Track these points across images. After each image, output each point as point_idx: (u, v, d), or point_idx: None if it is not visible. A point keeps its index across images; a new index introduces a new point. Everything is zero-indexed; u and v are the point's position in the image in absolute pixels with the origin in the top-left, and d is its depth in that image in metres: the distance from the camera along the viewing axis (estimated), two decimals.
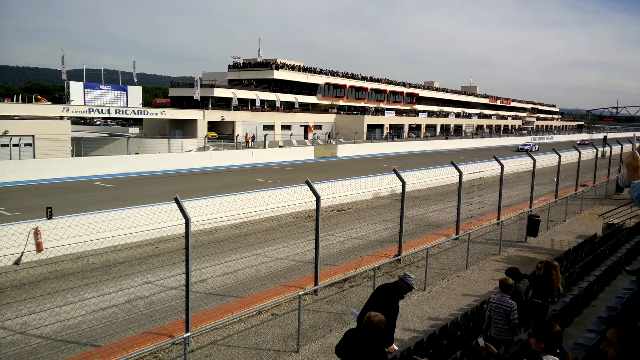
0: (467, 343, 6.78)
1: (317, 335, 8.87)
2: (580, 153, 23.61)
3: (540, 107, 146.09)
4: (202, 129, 51.02)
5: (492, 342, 6.65)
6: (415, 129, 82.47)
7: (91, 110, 44.87)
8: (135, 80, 54.72)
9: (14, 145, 30.66)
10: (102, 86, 48.10)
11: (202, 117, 52.57)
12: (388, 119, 76.95)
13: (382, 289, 6.77)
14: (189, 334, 7.56)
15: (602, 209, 21.18)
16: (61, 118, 41.38)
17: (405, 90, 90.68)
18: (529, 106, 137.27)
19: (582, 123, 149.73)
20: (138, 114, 49.32)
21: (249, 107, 62.45)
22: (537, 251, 14.79)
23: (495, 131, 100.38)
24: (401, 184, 12.99)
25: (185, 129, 51.80)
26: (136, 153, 33.93)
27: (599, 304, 8.23)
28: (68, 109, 42.81)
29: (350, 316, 9.71)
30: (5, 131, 32.79)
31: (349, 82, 79.11)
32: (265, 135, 47.17)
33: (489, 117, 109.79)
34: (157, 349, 7.95)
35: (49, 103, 50.19)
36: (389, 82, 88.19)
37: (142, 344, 7.90)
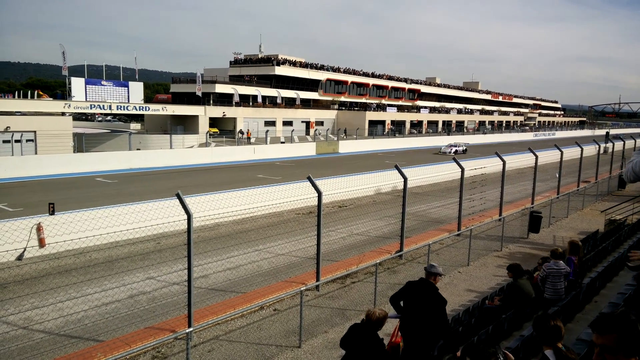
0: (469, 339, 6.79)
1: (319, 330, 8.90)
2: (582, 149, 23.56)
3: (542, 103, 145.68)
4: (203, 125, 51.02)
5: (546, 302, 7.64)
6: (416, 125, 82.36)
7: (93, 106, 44.91)
8: (137, 76, 54.75)
9: (16, 141, 30.70)
10: (103, 82, 48.16)
11: (204, 113, 52.56)
12: (390, 115, 76.85)
13: (412, 288, 6.28)
14: (191, 329, 7.59)
15: (604, 205, 21.13)
16: (63, 114, 41.42)
17: (407, 86, 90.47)
18: (530, 102, 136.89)
19: (584, 119, 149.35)
20: (139, 109, 49.36)
21: (251, 103, 62.39)
22: (539, 247, 14.77)
23: (497, 127, 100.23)
24: (403, 180, 12.98)
25: (186, 125, 51.81)
26: (138, 149, 33.97)
27: (601, 300, 8.23)
28: (70, 105, 42.84)
29: (352, 311, 9.74)
30: (7, 127, 32.84)
31: (350, 78, 78.95)
32: (267, 131, 47.18)
33: (490, 113, 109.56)
34: (159, 344, 7.98)
35: (51, 99, 50.26)
36: (390, 78, 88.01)
37: (144, 339, 7.93)
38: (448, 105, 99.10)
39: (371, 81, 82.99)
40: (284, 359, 7.87)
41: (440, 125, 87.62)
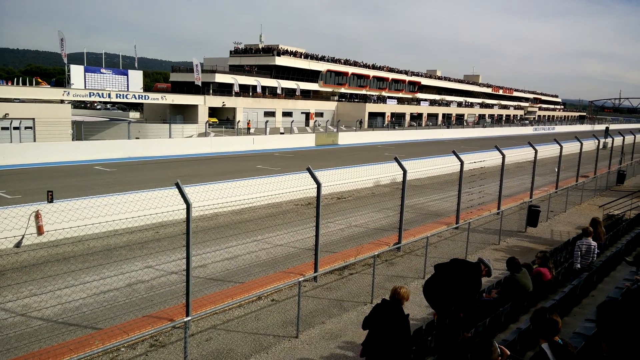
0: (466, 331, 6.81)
1: (316, 321, 8.93)
2: (582, 144, 23.56)
3: (543, 98, 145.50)
4: (202, 115, 50.89)
5: (576, 272, 9.00)
6: (416, 118, 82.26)
7: (92, 94, 44.74)
8: (136, 64, 54.46)
9: (15, 128, 30.60)
10: (102, 70, 47.90)
11: (203, 102, 52.39)
12: (390, 107, 76.73)
13: (460, 265, 6.71)
14: (189, 318, 7.60)
15: (602, 200, 21.18)
16: (62, 101, 41.26)
17: (407, 78, 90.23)
18: (531, 96, 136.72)
19: (584, 114, 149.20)
20: (139, 98, 49.16)
21: (250, 94, 62.20)
22: (536, 241, 14.81)
23: (497, 121, 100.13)
24: (402, 172, 12.97)
25: (186, 114, 51.66)
26: (137, 138, 33.88)
27: (598, 295, 8.26)
28: (69, 93, 42.66)
29: (350, 303, 9.77)
30: (6, 114, 32.72)
31: (351, 70, 78.71)
32: (266, 122, 47.02)
33: (491, 106, 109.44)
34: (157, 333, 8.00)
35: (49, 86, 50.08)
36: (391, 70, 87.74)
37: (142, 327, 7.94)
38: (448, 98, 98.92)
39: (371, 73, 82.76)
40: (281, 349, 7.90)
41: (440, 118, 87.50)
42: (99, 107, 79.61)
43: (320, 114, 68.75)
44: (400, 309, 5.85)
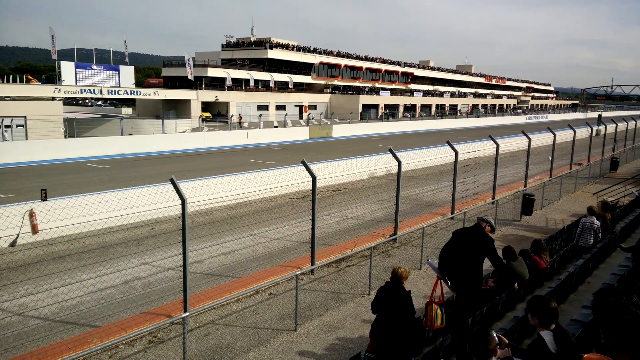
0: (464, 320, 6.84)
1: (314, 314, 8.95)
2: (575, 132, 23.64)
3: (535, 86, 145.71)
4: (196, 110, 50.63)
5: (579, 249, 9.70)
6: (410, 109, 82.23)
7: (83, 90, 44.40)
8: (127, 59, 54.01)
9: (6, 126, 30.34)
10: (93, 66, 47.52)
11: (196, 97, 52.10)
12: (383, 99, 76.63)
13: (462, 233, 7.01)
14: (187, 313, 7.59)
15: (596, 187, 21.29)
16: (53, 99, 40.92)
17: (400, 69, 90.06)
18: (524, 85, 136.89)
19: (577, 102, 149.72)
20: (131, 94, 48.84)
21: (243, 87, 61.92)
22: (531, 230, 14.88)
23: (491, 110, 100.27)
24: (397, 163, 12.96)
25: (178, 109, 51.38)
26: (130, 134, 33.71)
27: (594, 281, 8.31)
28: (60, 90, 42.30)
29: (347, 295, 9.79)
30: None
31: (343, 62, 78.44)
32: (260, 115, 46.87)
33: (484, 96, 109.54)
34: (155, 329, 7.99)
35: (40, 84, 49.56)
36: (384, 62, 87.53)
37: (140, 324, 7.93)
38: (441, 88, 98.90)
39: (364, 64, 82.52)
40: (279, 343, 7.92)
41: (433, 108, 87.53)
42: (90, 103, 79.07)
43: (314, 107, 68.61)
44: (401, 286, 6.10)
